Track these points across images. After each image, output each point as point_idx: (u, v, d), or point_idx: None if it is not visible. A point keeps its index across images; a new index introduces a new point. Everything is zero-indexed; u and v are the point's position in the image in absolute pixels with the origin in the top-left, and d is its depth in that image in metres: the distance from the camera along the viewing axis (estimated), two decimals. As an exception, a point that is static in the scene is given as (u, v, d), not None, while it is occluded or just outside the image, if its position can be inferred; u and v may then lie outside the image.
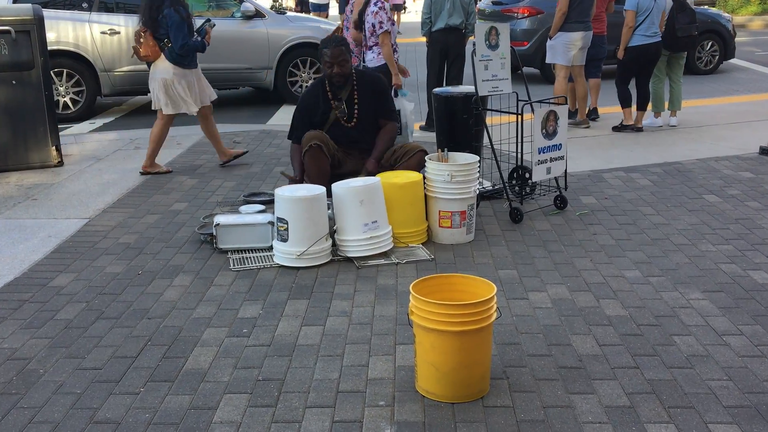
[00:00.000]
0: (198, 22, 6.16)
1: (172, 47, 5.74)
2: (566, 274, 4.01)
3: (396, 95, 5.85)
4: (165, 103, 5.92)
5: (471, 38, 5.94)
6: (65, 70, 8.73)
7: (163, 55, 5.82)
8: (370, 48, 6.20)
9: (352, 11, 6.36)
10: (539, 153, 4.92)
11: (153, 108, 6.10)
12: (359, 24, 6.21)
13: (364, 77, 4.95)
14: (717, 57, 11.97)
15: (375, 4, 6.08)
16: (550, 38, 7.60)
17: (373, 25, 6.08)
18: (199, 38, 5.91)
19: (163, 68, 5.87)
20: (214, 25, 6.23)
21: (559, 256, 4.29)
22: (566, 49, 7.41)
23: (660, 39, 7.29)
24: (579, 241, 4.52)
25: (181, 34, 5.67)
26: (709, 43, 11.85)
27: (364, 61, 6.26)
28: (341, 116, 4.86)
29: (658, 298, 3.70)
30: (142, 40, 5.77)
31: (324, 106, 4.89)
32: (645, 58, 7.30)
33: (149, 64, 5.98)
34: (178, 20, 5.67)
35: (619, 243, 4.48)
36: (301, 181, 4.81)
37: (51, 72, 7.53)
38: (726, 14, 12.79)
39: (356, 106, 4.87)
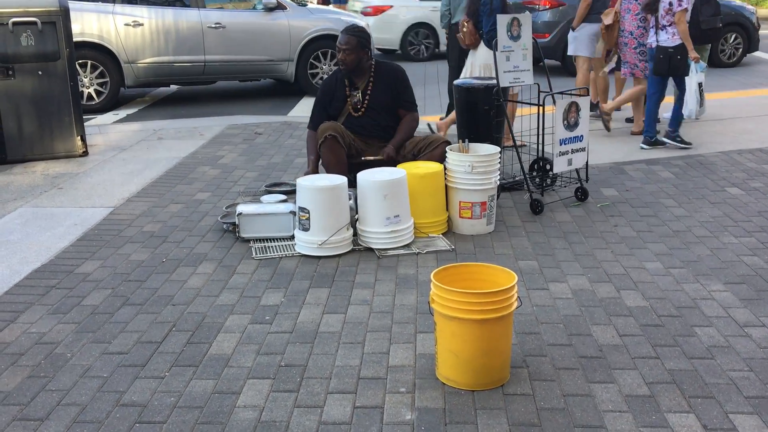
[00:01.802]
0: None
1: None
2: (587, 265, 4.02)
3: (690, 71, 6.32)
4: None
5: None
6: (89, 62, 8.82)
7: (482, 42, 6.23)
8: (664, 28, 6.29)
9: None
10: (560, 144, 4.91)
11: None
12: (652, 4, 6.29)
13: (382, 68, 4.98)
14: (740, 50, 11.85)
15: None
16: (573, 29, 7.57)
17: (671, 4, 6.19)
18: None
19: (481, 54, 6.25)
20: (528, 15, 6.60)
21: (580, 247, 4.29)
22: (590, 40, 7.38)
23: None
24: (600, 233, 4.51)
25: (491, 21, 5.98)
26: (733, 36, 11.73)
27: (657, 41, 6.32)
28: (352, 106, 4.90)
29: (679, 290, 3.69)
30: (464, 29, 6.21)
31: (340, 95, 4.94)
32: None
33: (467, 51, 6.34)
34: (492, 9, 6.06)
35: (640, 235, 4.47)
36: (314, 173, 4.84)
37: (76, 63, 7.64)
38: (750, 6, 12.66)
39: (368, 97, 4.90)
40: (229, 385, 2.87)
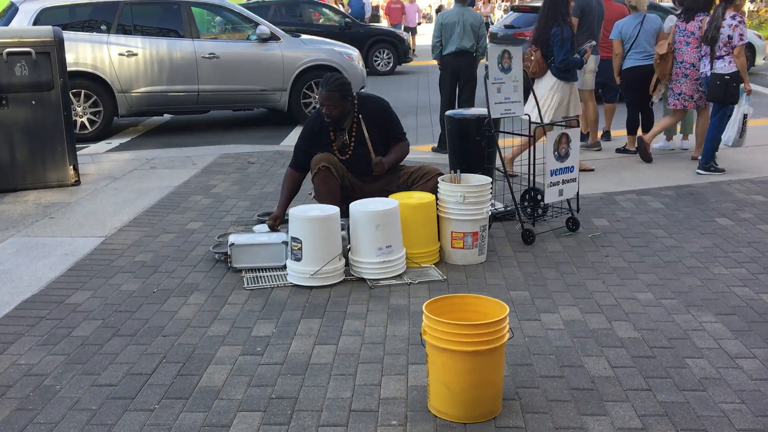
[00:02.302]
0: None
1: (555, 62, 6.29)
2: (578, 296, 4.02)
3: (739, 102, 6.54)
4: (545, 114, 6.34)
5: (483, 61, 6.01)
6: (83, 91, 8.85)
7: (549, 71, 6.36)
8: (720, 57, 6.50)
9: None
10: (551, 175, 4.94)
11: (533, 119, 6.49)
12: (712, 37, 6.51)
13: (365, 104, 4.91)
14: None
15: (733, 17, 6.44)
16: None
17: (730, 37, 6.40)
18: (578, 56, 6.42)
19: (546, 81, 6.38)
20: (595, 44, 6.88)
21: (572, 277, 4.29)
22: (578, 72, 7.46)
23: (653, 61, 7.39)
24: (591, 263, 4.52)
25: (564, 50, 6.19)
26: None
27: (713, 69, 6.54)
28: (339, 149, 4.87)
29: (671, 321, 3.69)
30: (532, 57, 6.33)
31: (325, 139, 4.88)
32: (640, 79, 7.36)
33: (532, 80, 6.43)
34: (563, 38, 6.19)
35: (632, 265, 4.49)
36: (277, 220, 4.75)
37: (69, 92, 7.66)
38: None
39: (353, 139, 4.85)
40: (219, 418, 2.85)
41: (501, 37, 12.32)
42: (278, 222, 4.77)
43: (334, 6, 18.88)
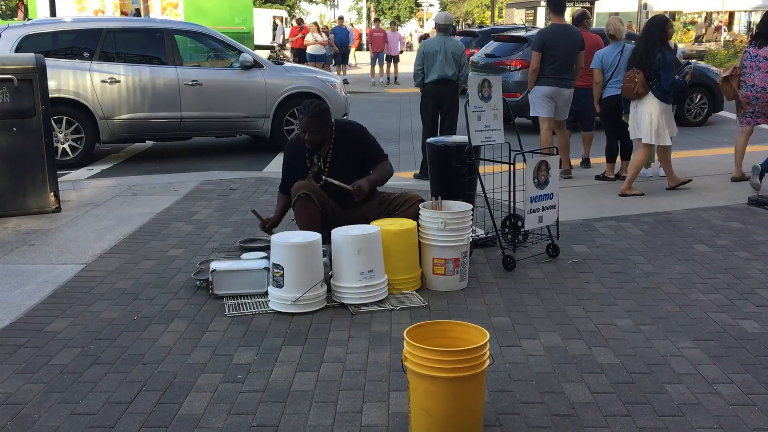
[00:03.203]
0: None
1: (661, 85, 6.65)
2: (558, 322, 4.04)
3: None
4: (647, 134, 6.84)
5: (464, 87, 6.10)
6: (65, 117, 8.83)
7: (650, 92, 6.72)
8: None
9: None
10: (531, 202, 4.99)
11: (631, 137, 7.09)
12: None
13: (342, 130, 4.93)
14: (706, 109, 12.20)
15: None
16: (529, 92, 7.81)
17: None
18: (680, 78, 6.76)
19: (650, 104, 6.75)
20: (693, 67, 7.18)
21: (552, 303, 4.32)
22: (542, 102, 7.60)
23: None
24: (571, 289, 4.56)
25: (671, 74, 6.64)
26: (698, 96, 12.08)
27: None
28: (313, 175, 4.90)
29: (650, 347, 3.72)
30: (636, 79, 6.69)
31: (300, 164, 4.94)
32: (619, 107, 7.49)
33: (627, 101, 6.96)
34: (669, 63, 6.61)
35: (611, 291, 4.52)
36: (268, 225, 4.98)
37: (51, 119, 7.62)
38: (714, 68, 13.07)
39: (328, 165, 4.88)
40: (200, 447, 2.82)
41: (482, 66, 12.46)
42: (271, 226, 4.97)
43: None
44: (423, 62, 7.85)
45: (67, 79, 8.83)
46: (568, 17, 9.01)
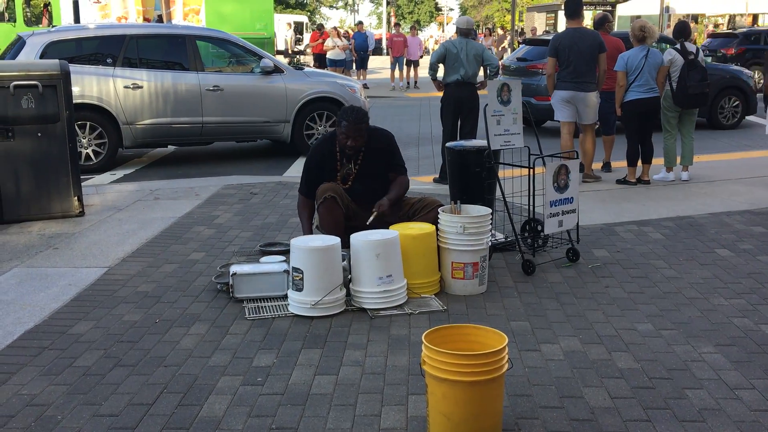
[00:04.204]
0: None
1: None
2: (578, 327, 4.03)
3: None
4: None
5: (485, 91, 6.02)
6: (88, 123, 8.93)
7: None
8: None
9: None
10: (551, 206, 4.98)
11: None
12: None
13: (373, 136, 4.98)
14: (739, 112, 12.12)
15: None
16: (549, 98, 7.80)
17: None
18: None
19: None
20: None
21: (572, 308, 4.31)
22: (561, 106, 7.58)
23: (657, 95, 7.47)
24: (591, 294, 4.54)
25: None
26: (731, 99, 12.01)
27: None
28: (342, 177, 4.92)
29: (671, 352, 3.70)
30: None
31: (330, 166, 4.95)
32: (642, 112, 7.45)
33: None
34: None
35: (632, 296, 4.50)
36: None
37: (75, 125, 7.71)
38: (747, 71, 13.00)
39: (358, 166, 4.91)
40: (220, 448, 2.85)
41: (513, 70, 12.54)
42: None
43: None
44: (446, 56, 7.85)
45: (90, 84, 8.94)
46: (589, 20, 8.96)
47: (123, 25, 9.35)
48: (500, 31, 32.11)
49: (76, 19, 14.69)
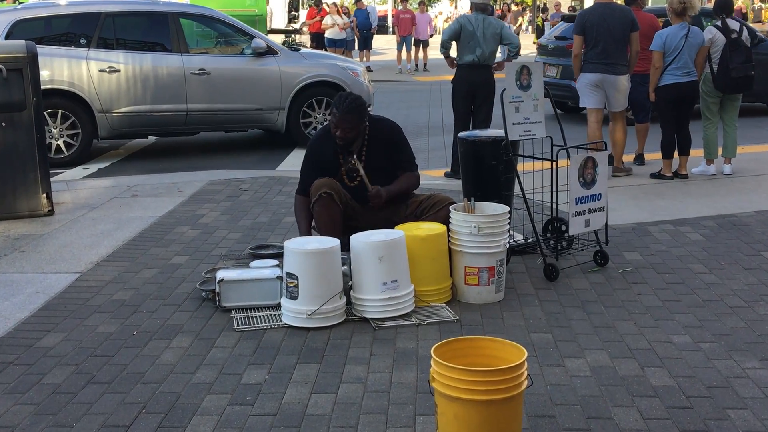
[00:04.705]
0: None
1: None
2: (607, 339, 4.02)
3: None
4: None
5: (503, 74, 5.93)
6: (60, 111, 8.94)
7: None
8: None
9: None
10: (576, 203, 4.96)
11: None
12: None
13: (377, 128, 4.99)
14: None
15: None
16: (575, 81, 7.77)
17: None
18: None
19: None
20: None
21: (599, 318, 4.30)
22: (589, 91, 7.55)
23: (695, 78, 7.44)
24: (621, 302, 4.53)
25: None
26: None
27: None
28: (347, 174, 4.94)
29: (711, 367, 3.69)
30: None
31: (331, 162, 4.96)
32: (678, 97, 7.42)
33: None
34: None
35: (667, 304, 4.49)
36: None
37: (45, 113, 7.74)
38: None
39: (363, 162, 4.91)
40: (204, 476, 2.86)
41: (551, 50, 12.60)
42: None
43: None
44: (461, 32, 7.78)
45: (61, 68, 8.95)
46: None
47: (98, 2, 9.37)
48: (514, 7, 32.03)
49: (46, -5, 14.77)
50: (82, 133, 9.09)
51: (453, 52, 8.06)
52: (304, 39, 23.07)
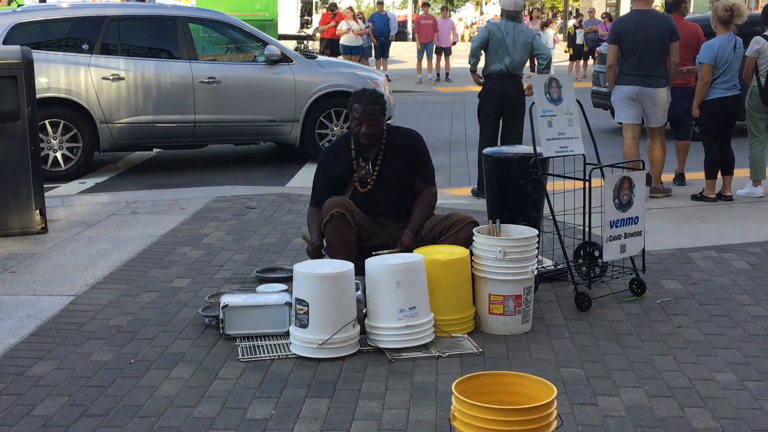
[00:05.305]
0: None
1: None
2: (644, 376, 3.99)
3: None
4: None
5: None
6: (62, 122, 8.97)
7: None
8: None
9: None
10: (611, 227, 4.93)
11: None
12: None
13: (395, 134, 5.05)
14: None
15: None
16: (611, 94, 7.76)
17: None
18: None
19: None
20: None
21: (636, 353, 4.26)
22: (624, 105, 7.53)
23: (739, 92, 7.40)
24: (660, 336, 4.49)
25: None
26: None
27: None
28: (359, 179, 4.95)
29: (758, 408, 3.65)
30: None
31: (346, 167, 5.00)
32: (726, 114, 7.38)
33: None
34: None
35: (709, 339, 4.45)
36: (321, 247, 4.91)
37: (46, 122, 7.76)
38: None
39: (377, 168, 4.96)
40: None
41: None
42: (320, 247, 4.91)
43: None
44: (489, 41, 7.79)
45: (59, 75, 9.00)
46: (659, 0, 8.89)
47: (102, 5, 9.50)
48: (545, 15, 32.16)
49: (46, -3, 14.97)
50: (82, 145, 9.12)
51: (481, 63, 8.06)
52: (315, 45, 23.21)
